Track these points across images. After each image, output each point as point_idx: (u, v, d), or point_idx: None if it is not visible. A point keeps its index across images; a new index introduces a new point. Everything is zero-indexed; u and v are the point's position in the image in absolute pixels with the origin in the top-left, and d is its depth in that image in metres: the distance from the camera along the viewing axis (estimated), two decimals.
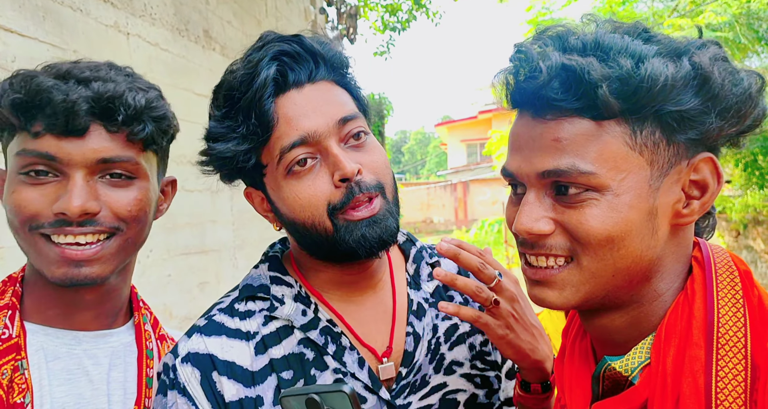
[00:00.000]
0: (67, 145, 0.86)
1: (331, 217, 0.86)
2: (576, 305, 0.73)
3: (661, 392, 0.67)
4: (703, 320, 0.67)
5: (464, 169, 26.92)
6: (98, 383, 0.94)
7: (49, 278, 0.88)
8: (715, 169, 0.70)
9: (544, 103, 0.69)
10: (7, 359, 0.85)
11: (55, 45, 2.01)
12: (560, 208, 0.70)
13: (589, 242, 0.69)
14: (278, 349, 0.90)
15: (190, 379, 0.87)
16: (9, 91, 0.86)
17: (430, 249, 1.10)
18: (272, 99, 0.86)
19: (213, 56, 3.30)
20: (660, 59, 0.66)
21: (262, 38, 0.90)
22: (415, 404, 0.93)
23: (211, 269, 3.14)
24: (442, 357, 0.97)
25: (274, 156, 0.87)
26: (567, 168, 0.68)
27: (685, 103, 0.65)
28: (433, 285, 1.04)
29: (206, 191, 3.13)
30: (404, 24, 8.30)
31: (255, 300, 0.95)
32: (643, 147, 0.68)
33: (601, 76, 0.65)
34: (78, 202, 0.85)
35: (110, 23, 2.35)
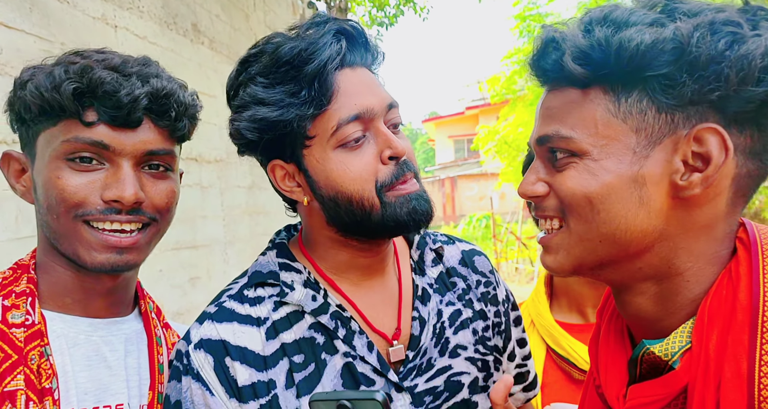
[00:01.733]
0: (120, 135, 0.90)
1: (380, 194, 0.89)
2: (570, 268, 0.77)
3: (703, 377, 0.66)
4: (747, 304, 0.66)
5: (452, 164, 26.99)
6: (116, 369, 0.95)
7: (89, 263, 0.91)
8: (722, 142, 0.66)
9: (542, 75, 0.76)
10: (33, 345, 0.86)
11: (42, 37, 1.98)
12: (552, 172, 0.75)
13: (569, 203, 0.73)
14: (289, 334, 0.91)
15: (203, 365, 0.88)
16: (66, 80, 0.87)
17: (432, 235, 1.12)
18: (335, 73, 0.88)
19: (201, 50, 3.27)
20: (640, 27, 0.67)
21: (317, 16, 0.92)
22: (421, 386, 0.95)
23: (202, 265, 3.12)
24: (446, 341, 0.99)
25: (329, 127, 0.87)
26: (551, 133, 0.73)
27: (658, 68, 0.66)
28: (437, 271, 1.06)
29: (196, 186, 3.11)
30: (392, 19, 8.29)
31: (264, 286, 0.96)
32: (627, 114, 0.69)
33: (569, 46, 0.69)
34: (132, 190, 0.90)
35: (98, 15, 2.32)
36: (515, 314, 1.13)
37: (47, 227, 0.93)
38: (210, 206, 3.27)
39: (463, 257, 1.10)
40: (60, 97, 0.87)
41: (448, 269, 1.08)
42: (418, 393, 0.94)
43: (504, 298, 1.11)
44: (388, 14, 8.25)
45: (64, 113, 0.88)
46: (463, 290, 1.06)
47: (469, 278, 1.08)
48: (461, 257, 1.10)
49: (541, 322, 1.43)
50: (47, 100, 0.88)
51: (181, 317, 2.82)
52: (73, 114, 0.88)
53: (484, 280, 1.09)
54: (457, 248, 1.12)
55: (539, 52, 0.74)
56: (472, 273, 1.09)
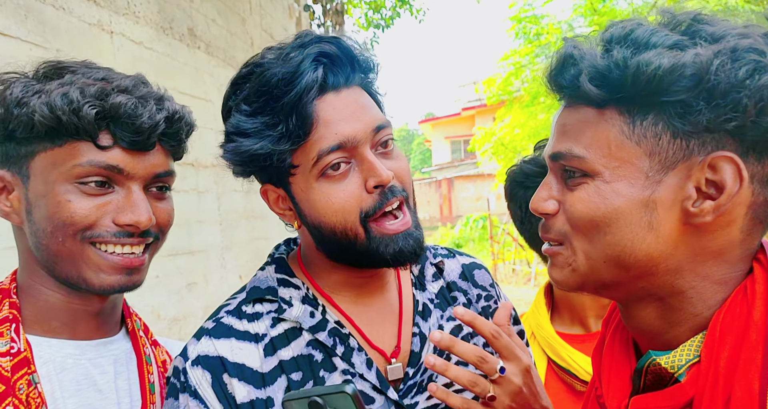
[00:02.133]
0: (134, 159, 0.90)
1: (364, 224, 0.87)
2: (575, 284, 0.77)
3: (711, 392, 0.66)
4: (763, 323, 0.65)
5: (448, 165, 27.01)
6: (107, 392, 0.94)
7: (98, 285, 0.90)
8: (737, 171, 0.65)
9: (558, 91, 0.75)
10: (20, 374, 0.84)
11: (37, 44, 1.98)
12: (564, 190, 0.75)
13: (576, 224, 0.72)
14: (287, 350, 0.91)
15: (201, 381, 0.87)
16: (86, 104, 0.85)
17: (433, 249, 1.11)
18: (314, 101, 0.85)
19: (198, 55, 3.27)
20: (660, 50, 0.65)
21: (300, 36, 0.89)
22: (422, 403, 0.93)
23: (199, 270, 3.11)
24: (448, 357, 0.98)
25: (310, 158, 0.86)
26: (564, 151, 0.73)
27: (674, 94, 0.65)
28: (437, 285, 1.05)
29: (193, 192, 3.10)
30: (388, 21, 8.29)
31: (263, 302, 0.95)
32: (641, 137, 0.68)
33: (586, 66, 0.68)
34: (147, 215, 0.90)
35: (93, 22, 2.31)
36: (517, 328, 1.11)
37: (44, 250, 0.90)
38: (207, 211, 3.26)
39: (464, 271, 1.09)
40: (78, 121, 0.85)
41: (449, 283, 1.06)
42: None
43: None
44: (384, 16, 8.24)
45: (76, 136, 0.86)
46: (464, 305, 1.05)
47: (469, 292, 1.07)
48: (461, 271, 1.09)
49: (542, 333, 1.42)
50: (64, 123, 0.85)
51: (179, 323, 2.81)
52: (86, 137, 0.87)
53: (484, 294, 1.08)
54: (458, 262, 1.10)
55: (557, 67, 0.73)
56: (473, 287, 1.08)
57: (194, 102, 3.16)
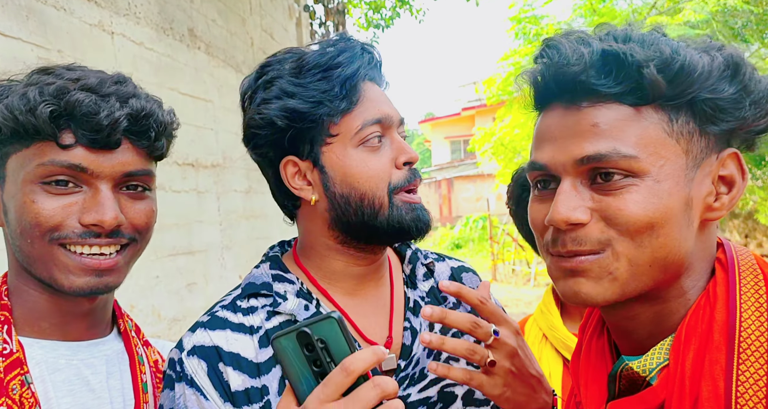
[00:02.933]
0: (99, 157, 0.88)
1: (390, 195, 0.94)
2: (613, 296, 0.70)
3: (679, 393, 0.67)
4: (724, 324, 0.67)
5: (448, 166, 27.00)
6: (99, 392, 0.94)
7: (67, 287, 0.88)
8: (740, 165, 0.70)
9: (582, 90, 0.69)
10: (13, 375, 0.84)
11: (39, 45, 1.98)
12: (597, 196, 0.69)
13: (628, 229, 0.67)
14: None
15: (197, 370, 0.90)
16: (42, 102, 0.84)
17: (423, 252, 1.14)
18: (363, 81, 0.96)
19: (198, 55, 3.27)
20: (693, 50, 0.68)
21: (341, 34, 1.01)
22: (414, 395, 0.95)
23: (199, 270, 3.12)
24: (439, 352, 1.00)
25: (353, 126, 0.94)
26: (608, 152, 0.67)
27: (721, 91, 0.67)
28: (428, 285, 1.07)
29: (192, 192, 3.10)
30: (388, 21, 8.29)
31: (257, 297, 0.97)
32: (679, 135, 0.68)
33: (646, 57, 0.67)
34: (112, 214, 0.88)
35: (94, 22, 2.32)
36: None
37: (20, 252, 0.90)
38: (207, 211, 3.26)
39: (453, 274, 1.12)
40: (35, 120, 0.84)
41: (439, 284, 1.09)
42: (411, 403, 0.94)
43: None
44: (384, 16, 8.25)
45: (39, 136, 0.86)
46: (454, 305, 1.07)
47: None
48: (450, 274, 1.12)
49: (556, 334, 1.42)
50: (21, 123, 0.85)
51: (179, 324, 2.81)
52: (48, 136, 0.86)
53: None
54: (447, 265, 1.13)
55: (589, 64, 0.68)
56: None
57: (194, 102, 3.17)
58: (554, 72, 0.71)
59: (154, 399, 1.00)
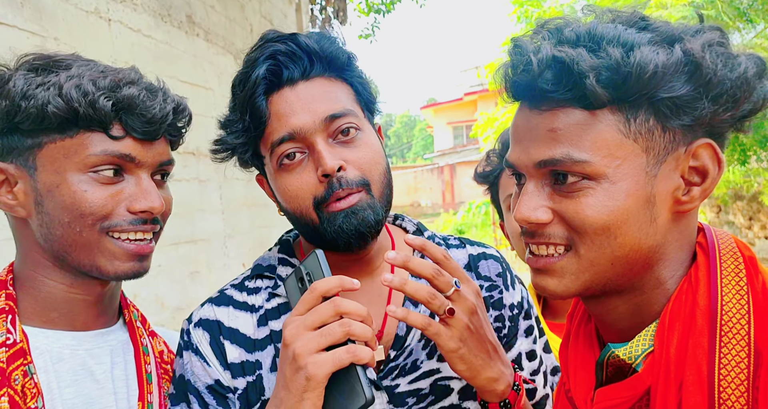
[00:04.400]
0: (144, 148, 0.93)
1: (317, 210, 0.92)
2: (576, 292, 0.75)
3: (665, 379, 0.68)
4: (706, 308, 0.68)
5: (451, 151, 26.93)
6: (103, 382, 0.95)
7: (112, 272, 0.92)
8: (715, 155, 0.70)
9: (539, 95, 0.71)
10: (16, 365, 0.84)
11: (35, 33, 1.96)
12: (558, 197, 0.72)
13: (585, 231, 0.70)
14: (277, 323, 0.98)
15: (201, 340, 0.98)
16: (102, 96, 0.88)
17: (439, 238, 1.12)
18: (264, 97, 0.92)
19: (197, 42, 3.24)
20: (650, 47, 0.66)
21: (262, 37, 0.96)
22: (403, 386, 0.95)
23: (202, 259, 3.12)
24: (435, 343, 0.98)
25: (267, 149, 0.94)
26: (561, 157, 0.69)
27: (676, 89, 0.66)
28: None
29: (194, 181, 3.09)
30: (389, 6, 8.20)
31: (263, 278, 1.04)
32: (637, 134, 0.68)
33: (589, 67, 0.66)
34: (159, 200, 0.93)
35: (91, 9, 2.29)
36: (527, 324, 1.09)
37: (56, 240, 0.90)
38: (208, 200, 3.26)
39: (469, 262, 1.09)
40: (94, 112, 0.87)
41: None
42: (399, 394, 0.94)
43: (514, 303, 1.08)
44: (384, 1, 8.16)
45: (90, 126, 0.88)
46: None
47: None
48: (467, 262, 1.09)
49: None
50: (81, 115, 0.87)
51: (182, 312, 2.81)
52: (98, 128, 0.89)
53: (487, 284, 1.07)
54: (465, 252, 1.11)
55: (538, 70, 0.69)
56: (476, 278, 1.07)
57: (194, 90, 3.14)
58: (515, 75, 0.73)
59: (159, 390, 1.01)
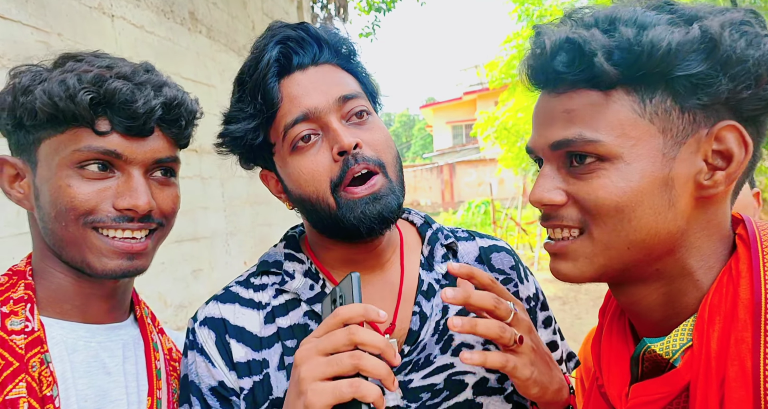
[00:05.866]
0: (132, 144, 0.91)
1: (334, 193, 0.89)
2: (591, 276, 0.73)
3: (705, 374, 0.66)
4: (749, 301, 0.65)
5: (450, 151, 26.91)
6: (116, 375, 0.95)
7: (99, 270, 0.91)
8: (741, 138, 0.68)
9: (553, 77, 0.72)
10: (33, 352, 0.86)
11: (38, 28, 1.94)
12: (572, 179, 0.72)
13: (598, 212, 0.69)
14: (285, 319, 0.96)
15: (206, 340, 0.95)
16: (82, 90, 0.87)
17: (449, 231, 1.10)
18: (276, 79, 0.90)
19: (199, 39, 3.23)
20: (666, 27, 0.66)
21: (271, 28, 0.94)
22: (417, 381, 0.94)
23: (204, 257, 3.11)
24: (450, 338, 0.98)
25: (279, 133, 0.91)
26: (574, 137, 0.70)
27: (692, 67, 0.65)
28: (446, 267, 1.04)
29: (197, 178, 3.08)
30: (389, 4, 8.18)
31: (269, 274, 1.01)
32: (653, 115, 0.67)
33: (599, 46, 0.66)
34: (146, 199, 0.91)
35: (94, 5, 2.28)
36: (544, 315, 1.08)
37: (51, 235, 0.92)
38: (211, 197, 3.24)
39: (480, 254, 1.08)
40: (75, 107, 0.86)
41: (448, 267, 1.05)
42: (413, 389, 0.93)
43: (530, 295, 1.07)
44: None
45: (76, 122, 0.88)
46: (476, 288, 1.01)
47: None
48: (478, 254, 1.08)
49: None
50: (61, 109, 0.87)
51: (185, 310, 2.81)
52: (85, 123, 0.88)
53: (501, 277, 1.06)
54: (476, 245, 1.09)
55: (553, 53, 0.70)
56: (488, 271, 1.06)
57: (196, 87, 3.13)
58: (534, 61, 0.74)
59: (168, 386, 1.01)
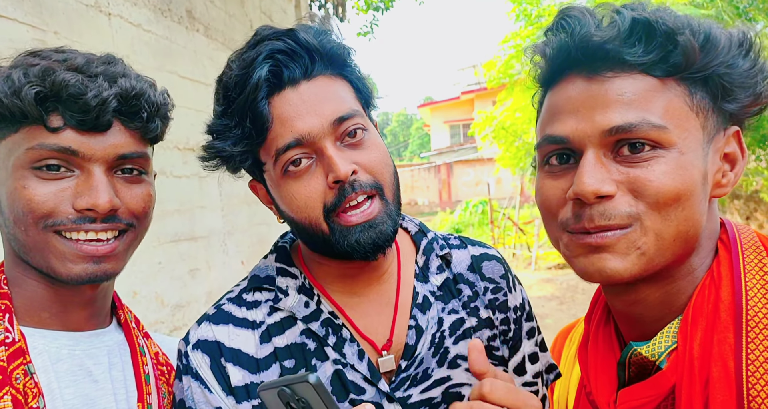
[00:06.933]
0: (89, 140, 0.85)
1: (327, 219, 0.86)
2: (639, 272, 0.69)
3: (689, 376, 0.66)
4: (731, 303, 0.67)
5: (448, 150, 26.90)
6: (102, 383, 0.92)
7: (65, 275, 0.86)
8: (740, 144, 0.71)
9: (607, 59, 0.68)
10: (16, 363, 0.82)
11: (35, 26, 1.93)
12: (623, 168, 0.68)
13: (657, 200, 0.66)
14: (281, 338, 0.92)
15: (201, 364, 0.91)
16: (27, 84, 0.81)
17: (443, 239, 1.08)
18: (266, 100, 0.85)
19: (197, 37, 3.21)
20: (713, 25, 0.67)
21: (257, 34, 0.88)
22: (416, 396, 0.92)
23: (201, 256, 3.10)
24: (446, 351, 0.96)
25: (270, 156, 0.87)
26: (638, 122, 0.66)
27: (737, 66, 0.66)
28: (441, 278, 1.02)
29: (194, 177, 3.07)
30: (387, 3, 8.17)
31: (261, 291, 0.97)
32: (699, 109, 0.68)
33: (678, 25, 0.65)
34: (106, 197, 0.85)
35: (91, 3, 2.26)
36: (529, 326, 1.06)
37: (15, 241, 0.87)
38: (208, 197, 3.23)
39: (472, 263, 1.05)
40: (21, 103, 0.81)
41: (455, 275, 1.03)
42: (412, 404, 0.92)
43: (517, 305, 1.05)
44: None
45: (27, 119, 0.83)
46: (469, 298, 1.01)
47: (476, 284, 1.03)
48: (470, 263, 1.05)
49: None
50: (7, 107, 0.82)
51: (182, 309, 2.79)
52: (36, 120, 0.82)
53: (492, 286, 1.04)
54: (468, 253, 1.06)
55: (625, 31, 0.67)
56: (480, 280, 1.04)
57: (194, 86, 3.11)
58: (578, 41, 0.70)
59: (157, 391, 0.98)
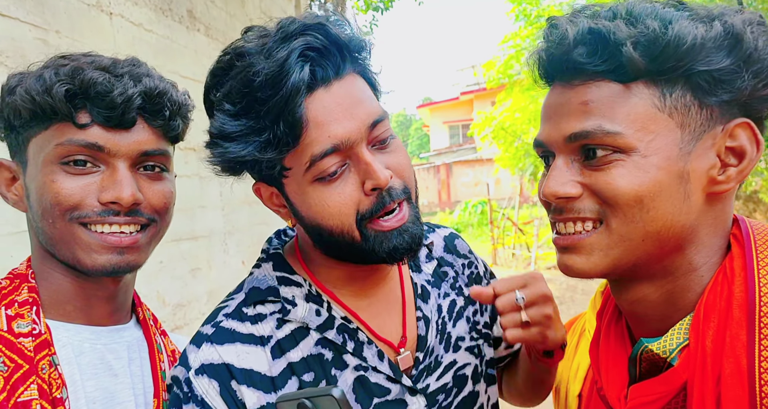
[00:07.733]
0: (115, 136, 0.89)
1: (360, 226, 0.82)
2: (604, 270, 0.72)
3: (701, 372, 0.66)
4: (744, 300, 0.66)
5: (447, 150, 26.91)
6: (122, 377, 0.94)
7: (90, 266, 0.89)
8: (753, 135, 0.69)
9: (572, 68, 0.71)
10: (42, 354, 0.85)
11: (36, 25, 1.93)
12: (587, 172, 0.71)
13: (617, 202, 0.69)
14: (296, 352, 0.87)
15: (208, 391, 0.83)
16: (58, 82, 0.86)
17: (426, 226, 1.08)
18: (303, 102, 0.77)
19: (198, 37, 3.21)
20: (689, 22, 0.66)
21: (282, 27, 0.80)
22: (432, 385, 0.94)
23: (202, 255, 3.10)
24: (449, 335, 0.99)
25: (302, 162, 0.80)
26: (593, 129, 0.69)
27: (715, 63, 0.66)
28: (432, 266, 1.05)
29: (195, 177, 3.07)
30: (387, 3, 8.17)
31: (264, 303, 0.90)
32: (673, 109, 0.68)
33: (627, 36, 0.66)
34: (130, 191, 0.89)
35: (92, 2, 2.26)
36: None
37: (42, 234, 0.91)
38: (209, 196, 3.23)
39: (446, 244, 1.10)
40: (52, 100, 0.85)
41: (438, 259, 1.07)
42: (432, 393, 0.93)
43: (483, 272, 1.13)
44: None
45: (56, 116, 0.87)
46: (453, 278, 1.06)
47: (455, 263, 1.08)
48: (444, 244, 1.10)
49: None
50: (39, 104, 0.86)
51: (183, 309, 2.80)
52: (65, 117, 0.87)
53: (466, 261, 1.10)
54: (439, 235, 1.11)
55: (574, 42, 0.70)
56: (457, 258, 1.09)
57: (195, 85, 3.11)
58: (551, 52, 0.73)
59: None
